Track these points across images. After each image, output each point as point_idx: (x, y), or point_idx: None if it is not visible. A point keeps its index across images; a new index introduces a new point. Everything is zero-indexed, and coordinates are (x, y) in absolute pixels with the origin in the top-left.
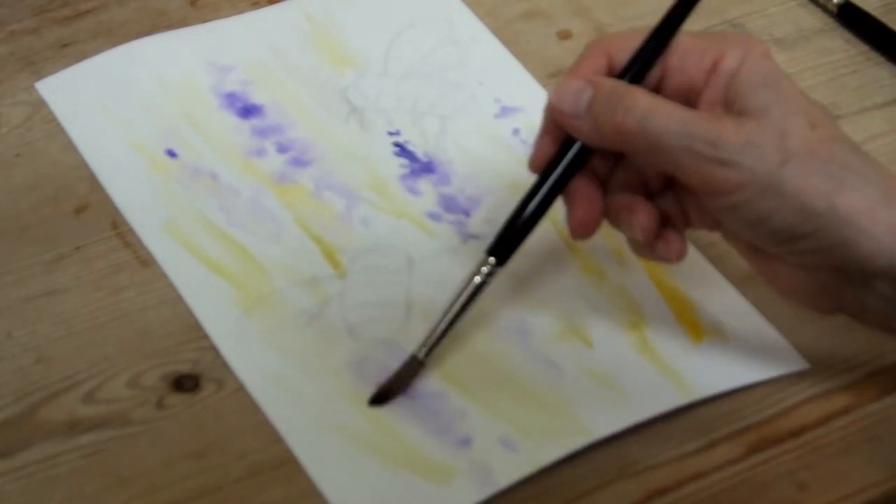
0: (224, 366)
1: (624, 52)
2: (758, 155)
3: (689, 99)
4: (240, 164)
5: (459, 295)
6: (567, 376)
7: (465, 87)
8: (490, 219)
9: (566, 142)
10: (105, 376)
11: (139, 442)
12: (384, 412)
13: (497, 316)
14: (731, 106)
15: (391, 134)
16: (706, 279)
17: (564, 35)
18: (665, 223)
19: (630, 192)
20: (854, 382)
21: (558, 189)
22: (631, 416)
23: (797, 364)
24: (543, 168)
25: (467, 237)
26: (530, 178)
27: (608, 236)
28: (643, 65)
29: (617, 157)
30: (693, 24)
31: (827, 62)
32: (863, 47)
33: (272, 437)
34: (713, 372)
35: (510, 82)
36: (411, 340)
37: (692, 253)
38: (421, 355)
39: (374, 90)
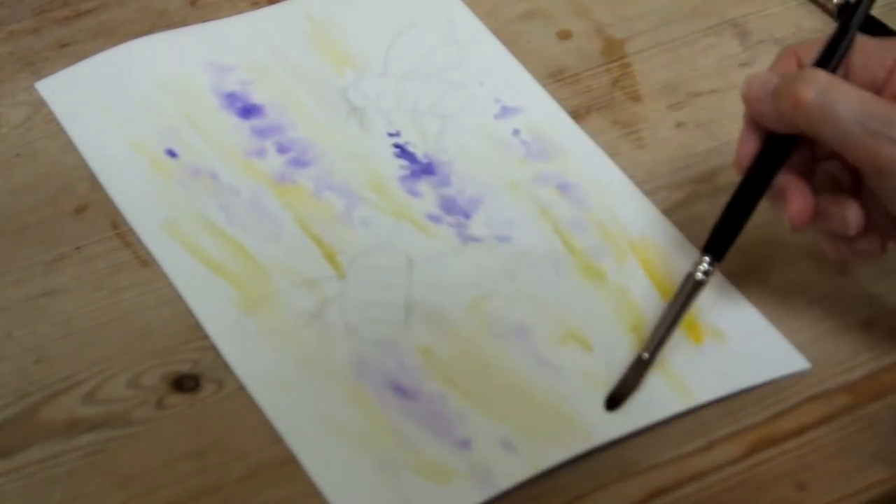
0: (224, 366)
1: (813, 55)
2: None
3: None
4: (240, 164)
5: (680, 294)
6: (566, 379)
7: (465, 88)
8: (490, 220)
9: (767, 138)
10: (105, 376)
11: (139, 442)
12: (384, 412)
13: (497, 318)
14: None
15: (391, 135)
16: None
17: (564, 35)
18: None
19: (832, 192)
20: (854, 382)
21: (767, 181)
22: (631, 421)
23: (797, 364)
24: (749, 165)
25: (467, 239)
26: (530, 178)
27: (607, 237)
28: (829, 58)
29: (812, 162)
30: (693, 23)
31: None
32: None
33: (272, 437)
34: (714, 375)
35: (510, 82)
36: (411, 341)
37: (692, 253)
38: (645, 356)
39: (374, 90)
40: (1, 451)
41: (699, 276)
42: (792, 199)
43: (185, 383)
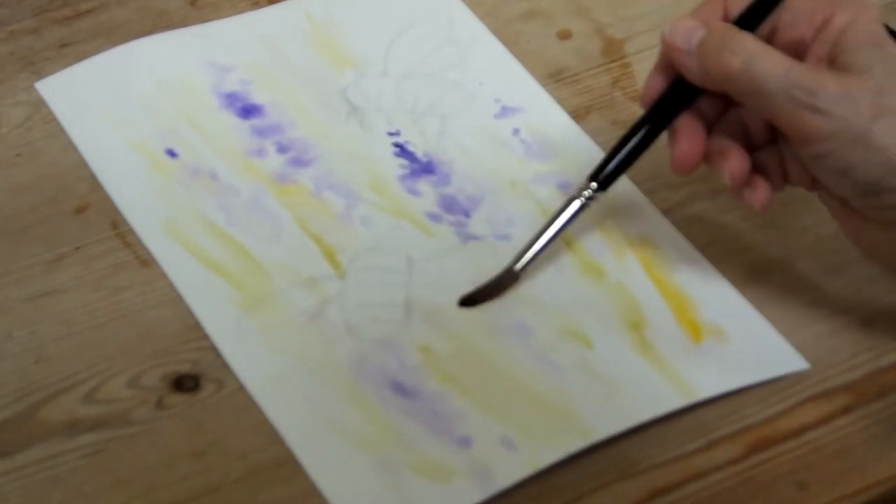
0: (224, 366)
1: (740, 4)
2: (851, 107)
3: (797, 54)
4: (240, 164)
5: (559, 214)
6: (567, 376)
7: (465, 87)
8: (490, 219)
9: (675, 80)
10: (105, 376)
11: (139, 442)
12: (384, 411)
13: (497, 316)
14: (836, 62)
15: (391, 134)
16: (706, 279)
17: (564, 35)
18: (761, 174)
19: (730, 139)
20: (854, 382)
21: (664, 122)
22: (631, 417)
23: (797, 364)
24: (652, 103)
25: (467, 238)
26: (529, 178)
27: (607, 234)
28: (756, 15)
29: (724, 105)
30: None
31: None
32: None
33: (272, 437)
34: (713, 373)
35: (510, 82)
36: (411, 340)
37: (692, 253)
38: (517, 268)
39: (374, 90)
40: (1, 451)
41: (578, 201)
42: (681, 141)
43: (185, 383)
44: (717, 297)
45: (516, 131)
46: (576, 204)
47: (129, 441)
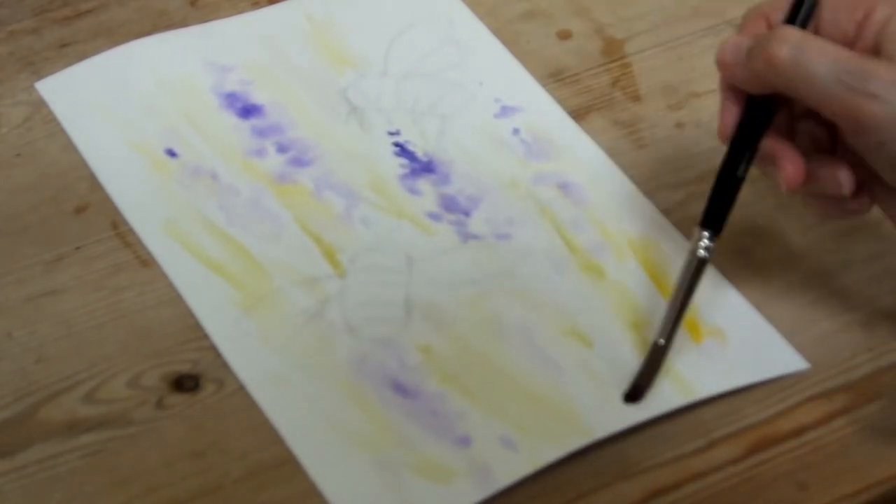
0: (224, 366)
1: (781, 14)
2: None
3: None
4: (240, 163)
5: (685, 273)
6: (566, 376)
7: (465, 87)
8: (490, 219)
9: (747, 102)
10: (105, 376)
11: (139, 442)
12: (384, 411)
13: (496, 315)
14: (881, 53)
15: (391, 134)
16: (706, 279)
17: (564, 35)
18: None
19: (817, 153)
20: (854, 382)
21: (753, 146)
22: (631, 416)
23: (797, 364)
24: (733, 132)
25: (467, 237)
26: (529, 178)
27: (607, 234)
28: (798, 15)
29: (792, 121)
30: (693, 23)
31: None
32: None
33: (272, 437)
34: (713, 372)
35: (510, 82)
36: (411, 339)
37: None
38: (661, 341)
39: (374, 90)
40: (1, 451)
41: (701, 252)
42: (782, 162)
43: (185, 383)
44: (717, 297)
45: (516, 131)
46: (700, 254)
47: (129, 441)
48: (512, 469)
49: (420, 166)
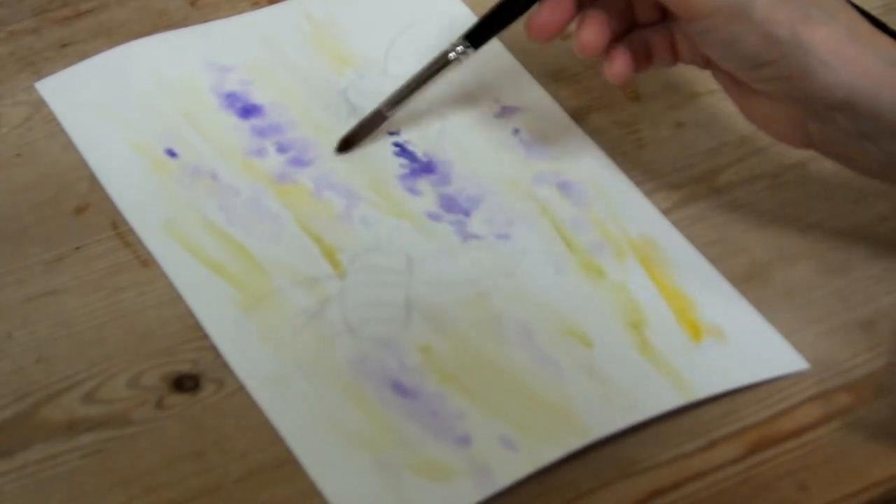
0: (224, 366)
1: None
2: None
3: None
4: (240, 163)
5: (431, 65)
6: (566, 375)
7: (464, 87)
8: (490, 219)
9: None
10: (105, 376)
11: (139, 442)
12: (384, 411)
13: (496, 315)
14: None
15: (391, 134)
16: (706, 279)
17: (564, 35)
18: (639, 54)
19: (603, 13)
20: (854, 382)
21: None
22: (631, 416)
23: (797, 364)
24: None
25: (467, 237)
26: (529, 178)
27: (607, 234)
28: None
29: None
30: None
31: None
32: None
33: (272, 437)
34: (713, 372)
35: (510, 82)
36: (411, 339)
37: (692, 253)
38: (385, 110)
39: (374, 90)
40: (1, 451)
41: (452, 55)
42: (545, 9)
43: (185, 383)
44: (716, 296)
45: (516, 131)
46: (450, 57)
47: (129, 441)
48: (512, 469)
49: (420, 166)
